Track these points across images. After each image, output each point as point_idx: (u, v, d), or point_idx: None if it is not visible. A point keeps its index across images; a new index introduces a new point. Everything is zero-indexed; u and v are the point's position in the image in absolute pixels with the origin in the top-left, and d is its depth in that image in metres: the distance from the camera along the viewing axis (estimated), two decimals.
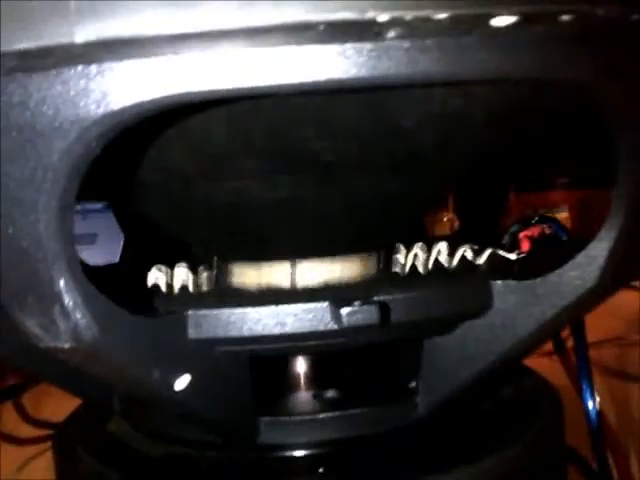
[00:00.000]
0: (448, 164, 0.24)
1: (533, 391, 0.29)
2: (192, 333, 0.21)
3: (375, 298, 0.20)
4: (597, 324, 0.36)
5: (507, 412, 0.28)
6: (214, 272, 0.30)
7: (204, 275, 0.29)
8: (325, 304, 0.21)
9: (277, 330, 0.21)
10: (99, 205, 0.76)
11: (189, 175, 0.22)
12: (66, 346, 0.19)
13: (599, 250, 0.20)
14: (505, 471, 0.24)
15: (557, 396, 0.29)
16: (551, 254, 0.31)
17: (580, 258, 0.20)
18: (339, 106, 0.19)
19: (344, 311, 0.20)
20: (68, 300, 0.18)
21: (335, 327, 0.20)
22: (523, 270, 0.26)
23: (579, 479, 0.39)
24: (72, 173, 0.15)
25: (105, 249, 0.73)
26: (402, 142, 0.20)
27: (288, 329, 0.21)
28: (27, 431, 0.52)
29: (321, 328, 0.21)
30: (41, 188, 0.15)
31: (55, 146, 0.15)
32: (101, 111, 0.14)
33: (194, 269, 0.28)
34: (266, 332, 0.21)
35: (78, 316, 0.18)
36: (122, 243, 0.69)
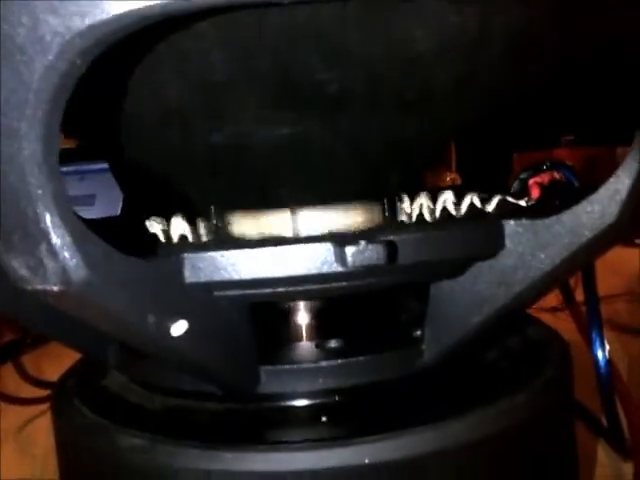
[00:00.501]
0: (461, 104, 0.23)
1: (541, 340, 0.29)
2: (189, 277, 0.20)
3: (382, 238, 0.19)
4: (600, 281, 0.36)
5: (515, 361, 0.27)
6: (213, 222, 0.29)
7: (202, 226, 0.28)
8: (328, 244, 0.20)
9: (278, 273, 0.20)
10: (97, 166, 0.75)
11: (186, 113, 0.21)
12: (55, 288, 0.17)
13: (620, 184, 0.19)
14: (512, 418, 0.24)
15: (565, 346, 0.28)
16: (562, 201, 0.30)
17: (599, 193, 0.19)
18: (348, 30, 0.17)
19: (349, 250, 0.19)
20: (55, 238, 0.17)
21: (339, 268, 0.19)
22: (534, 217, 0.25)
23: (588, 437, 0.39)
24: (56, 94, 0.14)
25: (104, 210, 0.72)
26: (414, 75, 0.19)
27: (289, 271, 0.20)
28: (28, 391, 0.51)
29: (324, 270, 0.20)
30: (22, 112, 0.14)
31: (36, 63, 0.14)
32: (86, 22, 0.13)
33: (192, 221, 0.27)
34: (266, 275, 0.20)
35: (67, 256, 0.17)
36: (121, 202, 0.68)
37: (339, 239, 0.20)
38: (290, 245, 0.20)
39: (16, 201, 0.16)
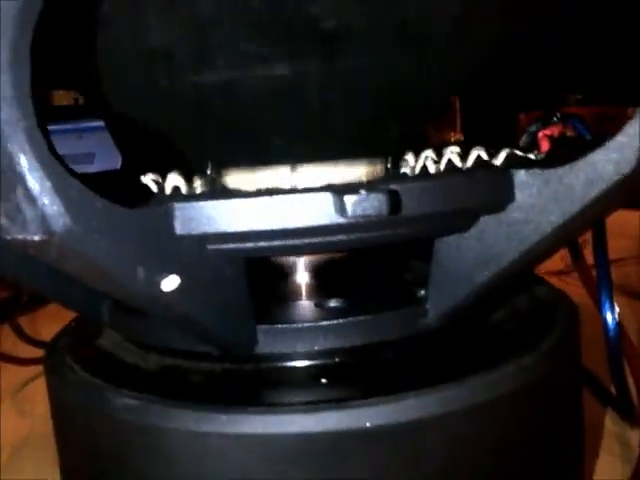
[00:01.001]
0: (462, 43, 0.21)
1: (549, 301, 0.28)
2: (180, 228, 0.19)
3: (383, 187, 0.18)
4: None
5: (521, 322, 0.26)
6: (208, 179, 0.28)
7: (198, 183, 0.27)
8: (327, 194, 0.18)
9: (273, 224, 0.19)
10: (95, 123, 0.74)
11: (172, 53, 0.20)
12: (35, 238, 0.16)
13: (638, 130, 0.17)
14: (518, 382, 0.23)
15: (574, 307, 0.27)
16: (574, 154, 0.29)
17: (616, 141, 0.18)
18: None
19: (348, 200, 0.17)
20: (33, 182, 0.15)
21: (339, 220, 0.18)
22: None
23: (595, 404, 0.38)
24: (21, 17, 0.13)
25: (103, 168, 0.71)
26: (414, 6, 0.18)
27: (285, 223, 0.19)
28: (26, 351, 0.51)
29: (323, 221, 0.18)
30: None
31: None
32: None
33: (188, 179, 0.26)
34: (261, 227, 0.19)
35: (46, 202, 0.16)
36: (120, 160, 0.67)
37: (338, 189, 0.18)
38: (286, 195, 0.19)
39: None
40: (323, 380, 0.23)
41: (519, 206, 0.20)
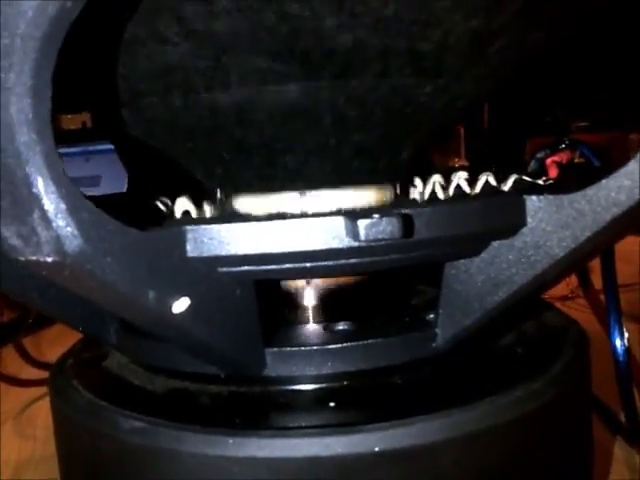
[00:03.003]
0: (477, 63, 0.21)
1: (557, 326, 0.27)
2: (191, 250, 0.19)
3: (396, 211, 0.18)
4: None
5: (531, 346, 0.26)
6: (218, 203, 0.28)
7: (208, 209, 0.27)
8: (340, 218, 0.18)
9: (285, 247, 0.19)
10: (102, 146, 0.74)
11: (188, 73, 0.20)
12: (49, 259, 0.16)
13: None
14: (527, 407, 0.22)
15: (582, 333, 0.27)
16: (582, 181, 0.29)
17: (628, 167, 0.18)
18: None
19: (362, 223, 0.17)
20: (49, 204, 0.16)
21: (351, 243, 0.18)
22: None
23: (604, 431, 0.38)
24: (46, 41, 0.13)
25: (109, 191, 0.71)
26: (431, 27, 0.18)
27: (297, 246, 0.19)
28: (29, 373, 0.51)
29: (335, 245, 0.18)
30: (9, 60, 0.13)
31: (22, 4, 0.12)
32: None
33: (198, 204, 0.26)
34: (272, 250, 0.19)
35: (61, 224, 0.16)
36: (127, 183, 0.67)
37: (351, 213, 0.18)
38: (299, 219, 0.19)
39: (4, 163, 0.15)
40: (331, 404, 0.23)
41: (531, 231, 0.20)
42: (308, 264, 0.20)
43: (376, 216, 0.17)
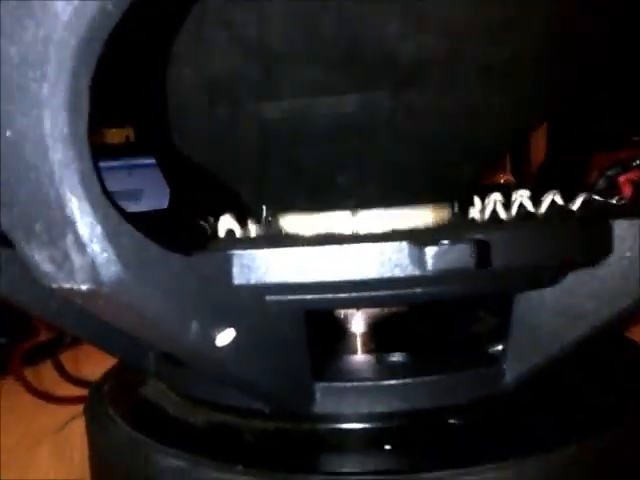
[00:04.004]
0: (546, 78, 0.19)
1: (637, 364, 0.25)
2: (238, 278, 0.17)
3: (469, 236, 0.16)
4: None
5: (606, 388, 0.24)
6: (264, 223, 0.26)
7: (252, 227, 0.26)
8: (403, 244, 0.16)
9: (340, 275, 0.17)
10: (145, 160, 0.74)
11: (237, 87, 0.18)
12: (83, 287, 0.15)
13: None
14: (604, 458, 0.20)
15: None
16: None
17: None
18: None
19: (430, 251, 0.15)
20: (83, 228, 0.14)
21: (417, 272, 0.16)
22: None
23: None
24: (83, 48, 0.11)
25: (151, 206, 0.71)
26: (500, 41, 0.16)
27: (354, 275, 0.17)
28: (67, 390, 0.50)
29: (397, 274, 0.16)
30: (43, 70, 0.12)
31: (58, 6, 0.11)
32: None
33: (241, 222, 0.25)
34: (326, 278, 0.17)
35: (96, 249, 0.14)
36: (168, 197, 0.66)
37: (414, 237, 0.16)
38: (357, 244, 0.17)
39: (36, 182, 0.13)
40: (387, 446, 0.21)
41: (618, 260, 0.18)
42: (365, 294, 0.18)
43: (445, 242, 0.15)
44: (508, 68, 0.18)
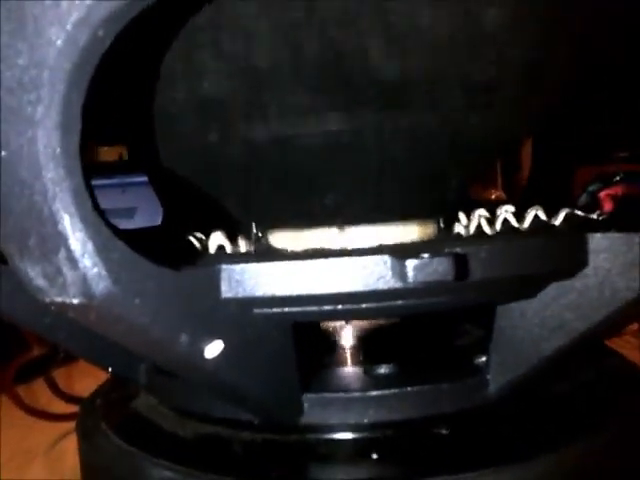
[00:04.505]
0: (528, 95, 0.20)
1: (620, 375, 0.25)
2: (226, 291, 0.18)
3: (448, 250, 0.16)
4: None
5: (589, 396, 0.24)
6: (253, 239, 0.27)
7: (242, 243, 0.26)
8: (386, 257, 0.17)
9: (325, 288, 0.18)
10: (138, 178, 0.74)
11: (225, 107, 0.19)
12: (75, 301, 0.15)
13: None
14: (587, 464, 0.21)
15: None
16: None
17: None
18: (413, 5, 0.15)
19: (410, 264, 0.16)
20: (75, 243, 0.15)
21: (398, 285, 0.17)
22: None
23: None
24: (76, 72, 0.12)
25: (144, 223, 0.71)
26: (483, 58, 0.17)
27: (339, 287, 0.17)
28: (59, 407, 0.50)
29: (380, 286, 0.17)
30: (37, 93, 0.12)
31: (52, 34, 0.11)
32: None
33: (233, 239, 0.25)
34: (312, 291, 0.18)
35: (87, 264, 0.15)
36: (161, 215, 0.67)
37: (398, 251, 0.17)
38: (341, 258, 0.18)
39: (30, 199, 0.14)
40: (374, 455, 0.21)
41: (594, 272, 0.18)
42: (350, 306, 0.18)
43: (426, 256, 0.16)
44: (492, 84, 0.19)
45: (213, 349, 0.18)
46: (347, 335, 0.26)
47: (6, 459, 0.44)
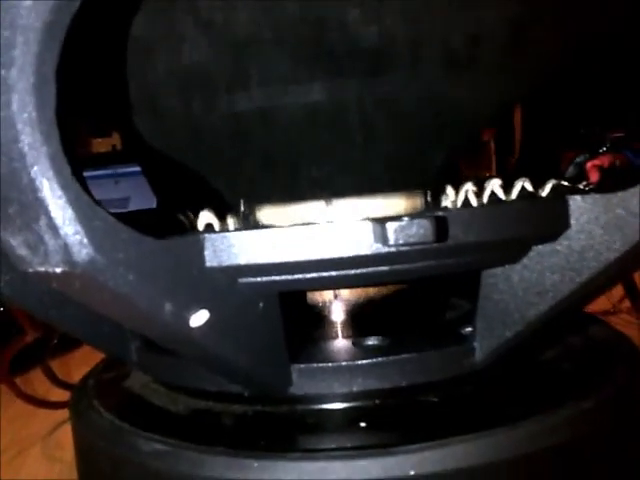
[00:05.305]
0: (512, 61, 0.20)
1: (606, 341, 0.26)
2: (210, 260, 0.18)
3: (429, 214, 0.16)
4: None
5: (577, 363, 0.24)
6: (241, 216, 0.27)
7: (230, 221, 0.26)
8: (368, 222, 0.17)
9: (309, 255, 0.18)
10: (131, 169, 0.75)
11: (208, 77, 0.19)
12: (57, 270, 0.15)
13: None
14: (575, 429, 0.21)
15: (635, 349, 0.25)
16: (626, 184, 0.27)
17: None
18: None
19: (391, 226, 0.16)
20: (56, 210, 0.15)
21: (380, 248, 0.17)
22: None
23: None
24: (48, 32, 0.12)
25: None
26: (464, 22, 0.17)
27: (322, 253, 0.18)
28: (57, 395, 0.50)
29: (363, 251, 0.17)
30: (10, 55, 0.12)
31: None
32: None
33: (220, 217, 0.25)
34: (296, 258, 0.18)
35: (69, 231, 0.15)
36: (155, 204, 0.67)
37: (379, 219, 0.17)
38: (324, 225, 0.18)
39: (9, 166, 0.14)
40: (362, 424, 0.21)
41: (576, 234, 0.18)
42: (335, 273, 0.18)
43: (406, 219, 0.16)
44: (473, 52, 0.19)
45: (198, 318, 0.18)
46: (336, 310, 0.26)
47: (5, 447, 0.44)
